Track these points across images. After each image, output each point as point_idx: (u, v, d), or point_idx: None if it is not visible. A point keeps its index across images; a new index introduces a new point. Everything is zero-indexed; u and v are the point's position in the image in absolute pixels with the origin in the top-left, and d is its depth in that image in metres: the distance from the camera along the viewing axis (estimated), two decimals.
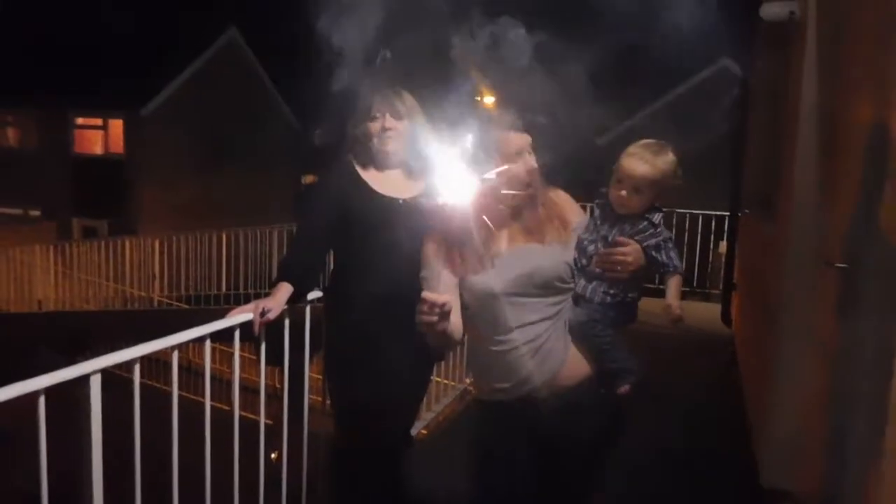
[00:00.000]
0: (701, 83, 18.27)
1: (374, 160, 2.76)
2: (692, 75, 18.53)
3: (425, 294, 1.81)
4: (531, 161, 2.04)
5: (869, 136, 2.28)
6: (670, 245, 2.12)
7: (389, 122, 2.71)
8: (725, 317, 6.55)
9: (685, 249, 8.54)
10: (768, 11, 4.09)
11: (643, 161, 2.08)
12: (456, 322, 2.02)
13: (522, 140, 2.04)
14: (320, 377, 3.27)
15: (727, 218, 6.83)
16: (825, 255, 2.74)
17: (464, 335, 2.14)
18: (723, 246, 7.46)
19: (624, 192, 2.09)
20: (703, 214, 8.69)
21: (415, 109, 2.77)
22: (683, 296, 7.90)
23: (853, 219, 2.44)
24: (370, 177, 2.75)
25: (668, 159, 2.10)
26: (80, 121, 17.96)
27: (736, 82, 7.23)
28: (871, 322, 2.03)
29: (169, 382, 2.36)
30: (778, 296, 3.52)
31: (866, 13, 2.58)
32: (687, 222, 8.69)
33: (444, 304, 1.80)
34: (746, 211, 6.09)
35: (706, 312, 7.31)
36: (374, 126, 2.72)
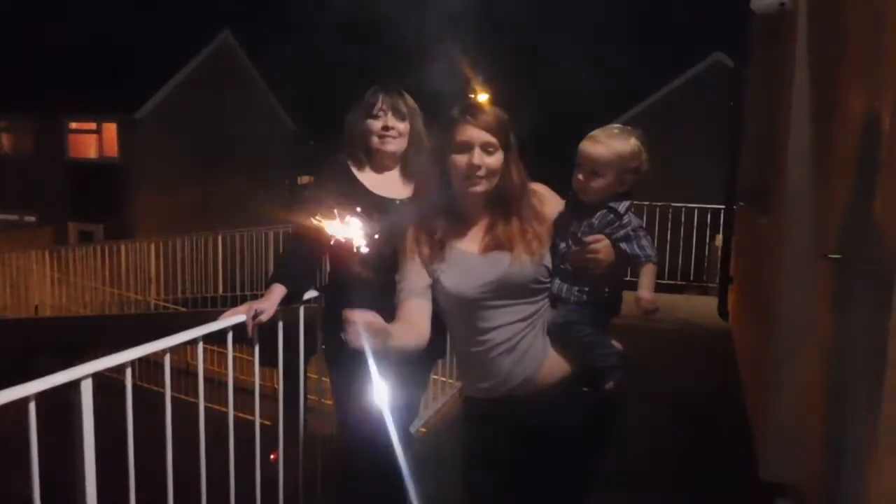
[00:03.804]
0: (694, 77, 18.30)
1: (371, 159, 2.73)
2: (686, 69, 18.56)
3: (345, 312, 1.78)
4: (482, 158, 2.02)
5: (862, 127, 2.27)
6: (641, 234, 2.07)
7: (391, 121, 2.68)
8: (722, 310, 6.56)
9: (681, 243, 8.54)
10: (759, 3, 4.09)
11: (598, 143, 2.07)
12: (420, 328, 2.03)
13: (476, 134, 2.02)
14: (316, 377, 3.26)
15: (723, 211, 6.84)
16: (820, 248, 2.74)
17: (447, 337, 2.15)
18: (719, 239, 7.46)
19: (581, 176, 2.08)
20: (698, 208, 8.69)
21: (415, 110, 2.74)
22: (681, 290, 7.89)
23: (847, 211, 2.44)
24: (366, 177, 2.73)
25: (626, 142, 2.07)
26: (73, 125, 17.92)
27: (729, 75, 7.23)
28: (867, 314, 2.03)
29: (164, 385, 2.36)
30: (774, 289, 3.52)
31: (856, 3, 2.58)
32: (683, 216, 8.70)
33: (370, 322, 1.77)
34: (742, 204, 6.09)
35: (703, 306, 7.32)
36: (375, 124, 2.68)
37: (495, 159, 2.04)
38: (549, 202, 2.18)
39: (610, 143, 2.07)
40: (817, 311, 2.87)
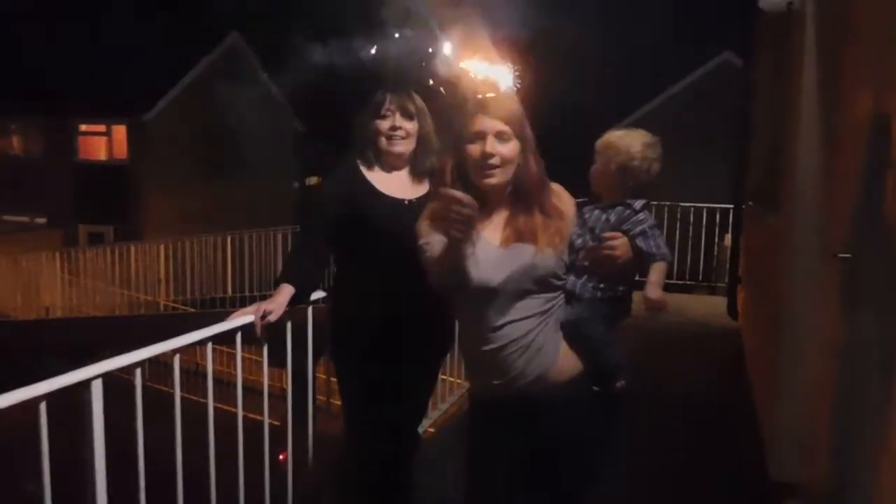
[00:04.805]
0: (703, 76, 18.23)
1: (380, 160, 2.73)
2: (694, 69, 18.49)
3: (443, 190, 1.86)
4: (495, 146, 2.03)
5: (870, 126, 2.27)
6: (657, 232, 2.11)
7: (399, 121, 2.68)
8: (731, 310, 6.54)
9: (690, 243, 8.51)
10: (767, 2, 4.08)
11: (603, 137, 2.21)
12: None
13: (489, 123, 2.03)
14: (325, 377, 3.27)
15: (731, 211, 6.81)
16: (829, 247, 2.73)
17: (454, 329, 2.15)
18: (728, 239, 7.44)
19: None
20: (707, 208, 8.66)
21: (424, 110, 2.75)
22: (690, 289, 7.86)
23: (856, 210, 2.43)
24: (375, 177, 2.73)
25: (622, 137, 2.16)
26: (83, 127, 18.00)
27: (738, 75, 7.21)
28: (876, 313, 2.02)
29: (174, 385, 2.37)
30: (783, 288, 3.51)
31: (864, 3, 2.57)
32: (692, 216, 8.67)
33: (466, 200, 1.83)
34: (750, 203, 6.07)
35: (712, 306, 7.31)
36: (383, 124, 2.69)
37: (509, 148, 2.04)
38: (565, 200, 2.19)
39: (609, 136, 2.18)
40: (826, 311, 2.86)
